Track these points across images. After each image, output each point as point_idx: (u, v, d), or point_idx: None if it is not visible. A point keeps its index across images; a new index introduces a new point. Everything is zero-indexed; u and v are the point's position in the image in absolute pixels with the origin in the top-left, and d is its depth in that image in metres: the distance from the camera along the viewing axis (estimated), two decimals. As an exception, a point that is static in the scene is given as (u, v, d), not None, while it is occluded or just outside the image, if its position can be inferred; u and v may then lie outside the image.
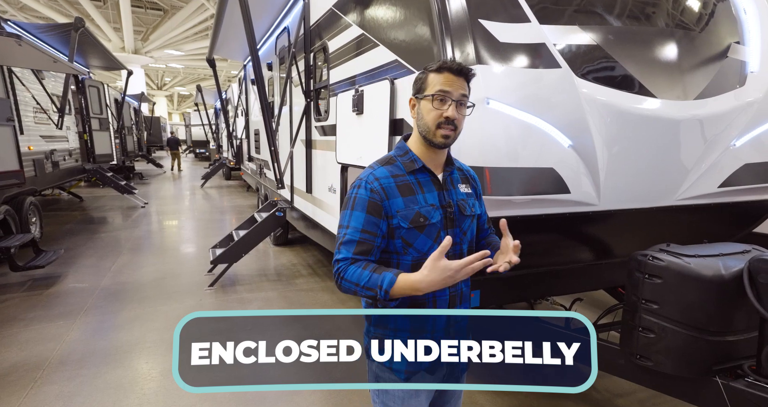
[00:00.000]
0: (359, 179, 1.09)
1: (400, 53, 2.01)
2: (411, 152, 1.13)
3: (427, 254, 1.02)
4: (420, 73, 1.11)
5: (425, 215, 1.07)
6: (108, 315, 3.43)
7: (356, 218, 1.05)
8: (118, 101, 10.61)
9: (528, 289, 2.44)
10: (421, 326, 1.08)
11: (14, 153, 4.66)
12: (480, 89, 1.64)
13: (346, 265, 1.04)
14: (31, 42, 2.35)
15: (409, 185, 1.09)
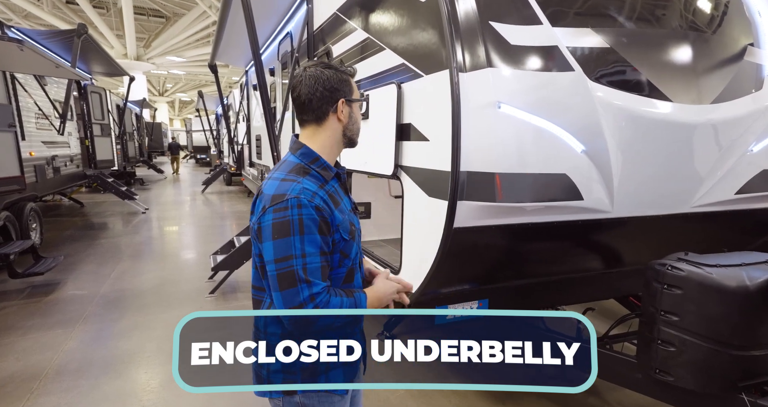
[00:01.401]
0: (292, 198, 0.91)
1: (407, 57, 1.97)
2: (321, 158, 1.03)
3: (354, 260, 1.04)
4: (343, 75, 1.03)
5: (353, 222, 1.06)
6: (107, 322, 3.37)
7: (310, 242, 0.91)
8: (120, 107, 10.62)
9: (536, 298, 2.38)
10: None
11: (15, 159, 4.63)
12: (490, 93, 1.60)
13: (326, 297, 0.92)
14: (34, 47, 2.33)
15: (334, 194, 1.02)
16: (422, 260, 1.91)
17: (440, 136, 1.74)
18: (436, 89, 1.73)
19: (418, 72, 1.87)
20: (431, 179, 1.82)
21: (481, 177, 1.65)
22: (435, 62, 1.73)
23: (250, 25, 3.07)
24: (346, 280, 1.03)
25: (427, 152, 1.85)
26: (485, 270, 2.08)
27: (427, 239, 1.88)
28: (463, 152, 1.63)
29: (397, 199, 3.29)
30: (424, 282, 1.90)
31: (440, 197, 1.76)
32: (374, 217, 3.15)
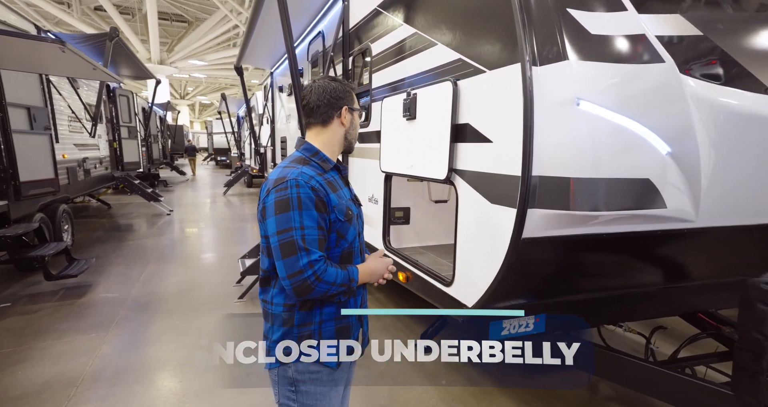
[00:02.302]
0: (291, 180, 1.06)
1: (465, 52, 1.83)
2: (321, 152, 1.18)
3: (352, 243, 1.16)
4: (347, 87, 1.20)
5: (350, 207, 1.17)
6: (139, 327, 3.33)
7: (308, 216, 1.04)
8: (146, 110, 10.82)
9: (597, 314, 2.20)
10: (346, 325, 1.17)
11: (50, 161, 4.69)
12: (568, 88, 1.44)
13: (323, 265, 1.04)
14: (74, 48, 2.29)
15: (332, 181, 1.16)
16: (482, 273, 1.76)
17: (507, 137, 1.60)
18: (503, 86, 1.59)
19: (480, 67, 1.73)
20: (494, 185, 1.68)
21: (554, 182, 1.49)
22: (502, 56, 1.59)
23: (285, 25, 2.98)
24: (342, 260, 1.15)
25: (489, 154, 1.71)
26: (545, 284, 1.91)
27: (488, 249, 1.73)
28: (536, 155, 1.47)
29: (438, 204, 3.15)
30: (484, 296, 1.75)
31: (506, 204, 1.61)
32: (413, 223, 3.01)
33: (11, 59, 3.04)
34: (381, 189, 2.81)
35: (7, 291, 4.04)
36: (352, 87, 1.23)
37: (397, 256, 2.62)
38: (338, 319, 1.14)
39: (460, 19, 1.87)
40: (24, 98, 4.30)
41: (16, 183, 4.06)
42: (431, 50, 2.09)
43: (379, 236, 2.85)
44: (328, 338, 1.12)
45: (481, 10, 1.73)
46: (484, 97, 1.72)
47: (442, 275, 2.14)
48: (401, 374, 2.82)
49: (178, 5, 19.64)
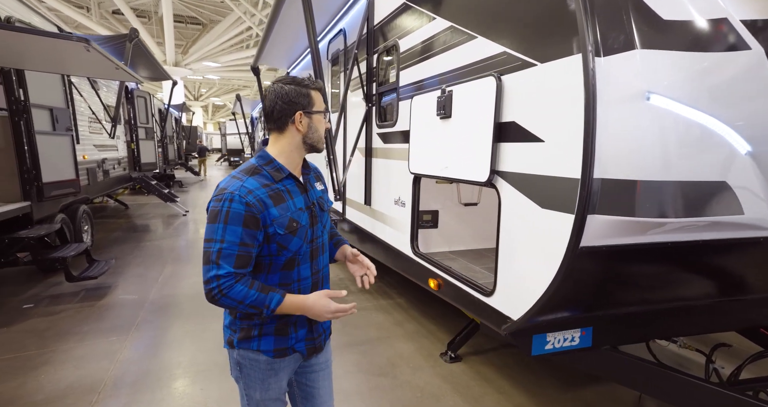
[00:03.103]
0: (228, 192, 1.08)
1: (511, 44, 1.70)
2: (275, 160, 1.17)
3: (298, 252, 1.17)
4: (303, 90, 1.16)
5: (296, 219, 1.16)
6: (158, 330, 3.28)
7: (232, 232, 1.06)
8: (162, 111, 10.91)
9: (649, 327, 2.03)
10: (284, 324, 1.21)
11: (72, 162, 4.70)
12: (638, 81, 1.30)
13: (230, 281, 1.06)
14: (99, 47, 2.23)
15: (280, 193, 1.15)
16: (530, 284, 1.63)
17: (562, 136, 1.46)
18: (559, 80, 1.45)
19: (529, 61, 1.60)
20: (546, 188, 1.54)
21: (618, 186, 1.35)
22: (558, 47, 1.45)
23: (309, 22, 2.89)
24: (284, 267, 1.17)
25: (540, 155, 1.57)
26: (597, 295, 1.76)
27: (538, 259, 1.60)
28: (598, 155, 1.34)
29: (468, 207, 3.02)
30: (533, 309, 1.62)
31: (560, 210, 1.48)
32: (442, 226, 2.88)
33: (36, 59, 3.02)
34: (409, 192, 2.69)
35: (30, 292, 4.05)
36: (315, 86, 1.18)
37: (427, 262, 2.50)
38: (279, 319, 1.19)
39: (506, 8, 1.74)
40: (47, 99, 4.31)
41: (39, 184, 4.07)
42: (470, 44, 1.97)
43: (406, 241, 2.73)
44: (267, 333, 1.19)
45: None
46: (535, 93, 1.59)
47: (481, 284, 2.01)
48: (428, 385, 2.71)
49: (193, 8, 19.88)
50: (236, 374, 1.25)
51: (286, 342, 1.20)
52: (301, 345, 1.23)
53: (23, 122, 3.90)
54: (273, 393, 1.24)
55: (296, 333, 1.22)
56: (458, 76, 2.06)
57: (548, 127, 1.53)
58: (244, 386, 1.24)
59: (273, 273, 1.17)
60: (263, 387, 1.22)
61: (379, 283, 4.58)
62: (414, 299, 4.07)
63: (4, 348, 2.94)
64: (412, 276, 2.74)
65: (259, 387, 1.22)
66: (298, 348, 1.23)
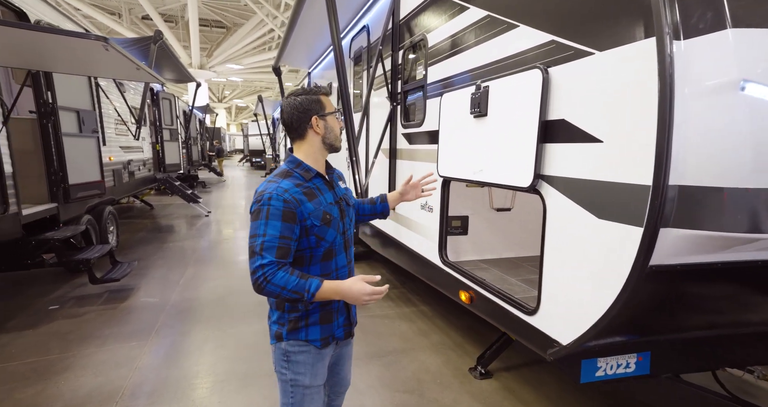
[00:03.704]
0: (267, 193, 1.21)
1: (561, 31, 1.50)
2: (304, 163, 1.30)
3: (333, 243, 1.29)
4: (313, 97, 1.28)
5: (329, 211, 1.28)
6: (178, 336, 3.22)
7: (272, 226, 1.18)
8: (186, 113, 11.11)
9: (720, 355, 1.78)
10: (328, 301, 1.29)
11: (97, 164, 4.76)
12: (729, 67, 1.08)
13: (273, 269, 1.16)
14: (117, 46, 2.17)
15: (312, 190, 1.27)
16: (584, 304, 1.42)
17: (627, 135, 1.25)
18: (624, 69, 1.25)
19: (585, 49, 1.39)
20: (605, 196, 1.33)
21: (699, 194, 1.14)
22: (623, 31, 1.25)
23: (333, 18, 2.75)
24: (324, 257, 1.29)
25: (597, 157, 1.36)
26: (659, 317, 1.54)
27: (593, 277, 1.39)
28: (675, 158, 1.12)
29: (500, 212, 2.81)
30: (587, 335, 1.41)
31: (623, 221, 1.27)
32: (472, 233, 2.69)
33: (61, 62, 3.02)
34: (437, 196, 2.51)
35: (56, 293, 4.10)
36: (322, 91, 1.32)
37: (457, 272, 2.31)
38: (323, 306, 1.31)
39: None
40: (74, 102, 4.36)
41: (66, 186, 4.11)
42: (510, 34, 1.77)
43: (433, 248, 2.55)
44: (314, 322, 1.31)
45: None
46: (591, 86, 1.38)
47: (521, 300, 1.80)
48: (457, 404, 2.52)
49: (218, 12, 20.30)
50: (283, 366, 1.34)
51: (330, 330, 1.34)
52: (341, 330, 1.38)
53: (51, 124, 3.96)
54: (319, 379, 1.36)
55: (338, 320, 1.36)
56: (496, 71, 1.87)
57: (608, 125, 1.32)
58: (293, 375, 1.33)
59: (314, 265, 1.29)
60: (312, 372, 1.34)
61: (401, 289, 4.41)
62: (438, 307, 3.88)
63: (29, 351, 2.94)
64: (441, 287, 2.55)
65: (309, 373, 1.33)
66: (338, 334, 1.37)
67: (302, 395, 1.32)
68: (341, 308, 1.36)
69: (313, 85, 1.33)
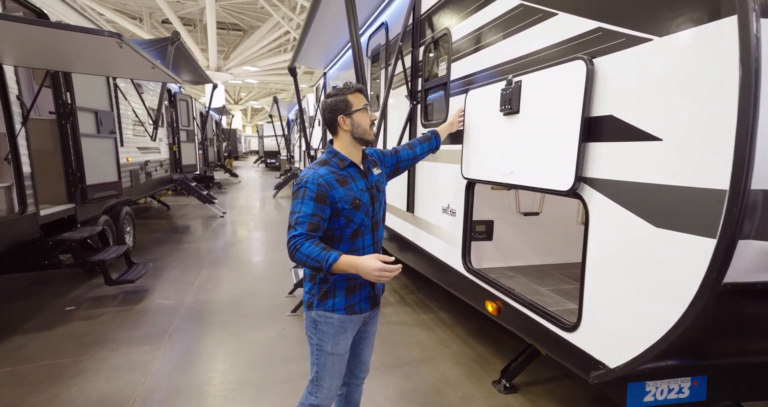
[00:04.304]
0: (305, 178, 1.41)
1: (608, 16, 1.34)
2: (340, 153, 1.50)
3: (360, 225, 1.48)
4: (341, 97, 1.47)
5: (359, 197, 1.47)
6: (192, 341, 3.15)
7: (307, 205, 1.38)
8: (203, 114, 11.22)
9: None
10: (353, 275, 1.45)
11: (114, 165, 4.78)
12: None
13: (302, 239, 1.36)
14: (131, 43, 2.10)
15: (345, 177, 1.47)
16: (636, 324, 1.25)
17: (694, 131, 1.09)
18: (691, 56, 1.08)
19: (640, 36, 1.23)
20: (665, 201, 1.17)
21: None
22: (690, 12, 1.08)
23: (351, 14, 2.64)
24: (352, 237, 1.48)
25: (655, 158, 1.20)
26: (721, 340, 1.36)
27: (650, 293, 1.22)
28: (759, 158, 0.96)
29: (527, 217, 2.64)
30: (642, 358, 1.24)
31: (689, 231, 1.10)
32: (497, 238, 2.52)
33: (78, 61, 3.00)
34: (460, 199, 2.36)
35: (73, 293, 4.11)
36: (350, 89, 1.47)
37: (482, 280, 2.16)
38: (349, 280, 1.49)
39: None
40: (92, 103, 4.38)
41: (83, 186, 4.12)
42: (547, 23, 1.62)
43: (456, 254, 2.40)
44: (340, 294, 1.49)
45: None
46: (648, 77, 1.22)
47: (556, 313, 1.64)
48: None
49: (235, 15, 20.56)
50: (311, 332, 1.54)
51: (353, 299, 1.51)
52: (365, 302, 1.54)
53: (69, 124, 3.97)
54: (340, 348, 1.53)
55: (360, 292, 1.52)
56: (530, 64, 1.71)
57: (669, 120, 1.16)
58: (318, 341, 1.53)
59: (343, 243, 1.47)
60: (334, 341, 1.52)
61: (417, 294, 4.26)
62: (457, 314, 3.72)
63: (43, 354, 2.92)
64: (464, 296, 2.40)
65: (331, 341, 1.51)
66: (363, 305, 1.53)
67: (325, 358, 1.52)
68: (365, 281, 1.52)
69: (345, 84, 1.48)
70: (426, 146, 1.96)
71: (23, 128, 3.36)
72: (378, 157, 1.69)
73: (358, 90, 1.48)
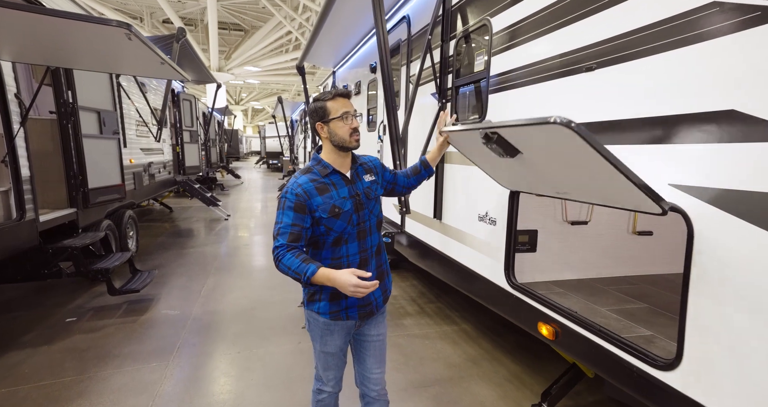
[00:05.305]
0: (286, 188, 1.45)
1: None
2: (323, 161, 1.50)
3: (342, 233, 1.47)
4: (320, 104, 1.46)
5: (339, 205, 1.45)
6: (201, 357, 2.93)
7: (287, 215, 1.41)
8: (206, 115, 11.01)
9: None
10: (337, 292, 1.47)
11: (118, 167, 4.56)
12: None
13: (284, 251, 1.39)
14: (140, 34, 1.89)
15: (326, 185, 1.46)
16: (762, 370, 1.04)
17: None
18: None
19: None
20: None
21: None
22: None
23: (378, 8, 2.43)
24: (334, 244, 1.49)
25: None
26: None
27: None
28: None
29: (574, 226, 2.42)
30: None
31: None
32: (541, 250, 2.31)
33: (81, 57, 2.79)
34: (501, 206, 2.14)
35: (74, 303, 3.89)
36: (335, 93, 1.45)
37: (531, 298, 1.94)
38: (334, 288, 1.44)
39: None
40: (94, 102, 4.17)
41: (85, 190, 3.91)
42: (630, 3, 1.40)
43: (498, 268, 2.18)
44: (324, 298, 1.51)
45: None
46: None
47: (639, 344, 1.42)
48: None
49: (236, 15, 20.36)
50: (306, 327, 1.63)
51: (338, 306, 1.51)
52: (354, 311, 1.52)
53: (71, 125, 3.75)
54: (329, 348, 1.57)
55: (347, 299, 1.50)
56: (604, 54, 1.49)
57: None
58: (311, 338, 1.61)
59: (326, 249, 1.49)
60: (322, 341, 1.57)
61: (437, 304, 4.05)
62: (481, 325, 3.50)
63: (43, 372, 2.70)
64: (508, 314, 2.18)
65: (318, 340, 1.58)
66: (351, 313, 1.53)
67: (318, 354, 1.60)
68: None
69: (328, 89, 1.45)
70: (419, 178, 1.78)
71: (22, 129, 3.14)
72: (377, 165, 1.64)
73: (340, 95, 1.45)
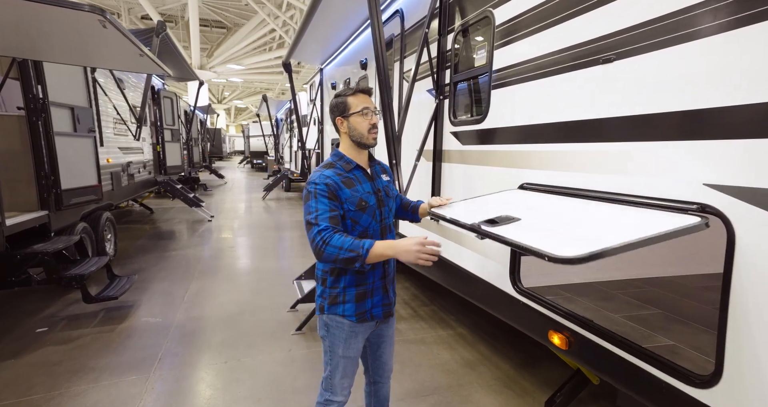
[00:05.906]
0: (314, 180, 1.42)
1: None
2: (345, 156, 1.51)
3: (367, 228, 1.46)
4: (341, 99, 1.49)
5: (365, 199, 1.46)
6: (185, 368, 2.75)
7: (322, 202, 1.38)
8: (188, 113, 10.65)
9: None
10: (362, 281, 1.48)
11: (94, 167, 4.29)
12: None
13: (329, 232, 1.32)
14: (116, 22, 1.72)
15: (350, 179, 1.46)
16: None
17: None
18: None
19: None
20: None
21: None
22: None
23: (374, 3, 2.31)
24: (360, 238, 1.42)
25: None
26: None
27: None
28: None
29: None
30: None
31: None
32: (545, 252, 2.22)
33: (52, 48, 2.58)
34: (506, 207, 2.05)
35: (46, 311, 3.62)
36: (357, 89, 1.47)
37: (540, 304, 1.85)
38: (358, 285, 1.48)
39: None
40: (68, 98, 3.90)
41: (58, 191, 3.65)
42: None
43: (502, 272, 2.10)
44: (350, 300, 1.48)
45: None
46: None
47: (672, 360, 1.33)
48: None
49: (218, 12, 19.90)
50: (323, 333, 1.55)
51: (365, 306, 1.49)
52: (378, 310, 1.52)
53: (41, 122, 3.49)
54: (351, 351, 1.54)
55: (372, 299, 1.50)
56: (625, 44, 1.41)
57: None
58: (329, 344, 1.54)
59: None
60: (345, 345, 1.52)
61: (431, 307, 3.95)
62: (477, 329, 3.42)
63: (8, 389, 2.47)
64: (515, 322, 2.09)
65: (342, 345, 1.52)
66: (375, 313, 1.52)
67: (337, 360, 1.53)
68: (376, 288, 1.51)
69: (350, 85, 1.22)
70: (405, 215, 1.77)
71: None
72: (386, 167, 1.66)
73: (361, 91, 1.47)
